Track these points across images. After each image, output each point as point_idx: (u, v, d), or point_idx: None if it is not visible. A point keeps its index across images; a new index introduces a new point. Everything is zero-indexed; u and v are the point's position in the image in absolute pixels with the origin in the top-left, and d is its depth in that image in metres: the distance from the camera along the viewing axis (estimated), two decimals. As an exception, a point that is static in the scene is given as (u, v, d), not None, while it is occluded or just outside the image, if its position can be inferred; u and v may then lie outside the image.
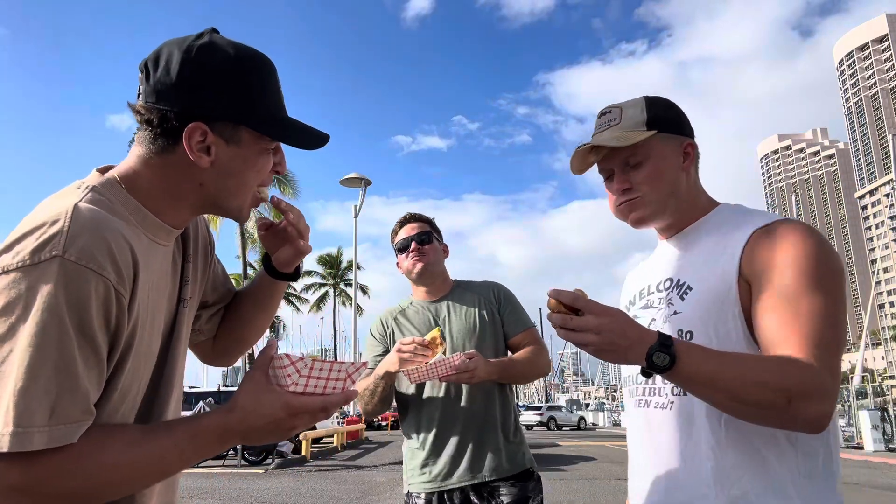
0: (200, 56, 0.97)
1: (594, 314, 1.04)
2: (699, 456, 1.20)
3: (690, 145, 1.35)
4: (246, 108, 1.00)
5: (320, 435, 18.82)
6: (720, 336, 1.19)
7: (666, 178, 1.31)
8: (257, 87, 1.01)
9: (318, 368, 0.93)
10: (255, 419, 0.91)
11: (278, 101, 1.05)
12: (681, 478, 1.22)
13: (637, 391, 1.35)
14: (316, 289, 47.84)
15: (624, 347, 1.05)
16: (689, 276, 1.28)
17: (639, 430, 1.35)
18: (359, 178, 17.03)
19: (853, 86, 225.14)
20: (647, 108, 1.33)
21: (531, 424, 40.75)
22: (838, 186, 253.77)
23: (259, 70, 1.03)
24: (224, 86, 0.98)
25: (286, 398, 0.91)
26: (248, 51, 1.03)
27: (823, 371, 1.05)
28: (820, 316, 1.09)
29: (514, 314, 2.37)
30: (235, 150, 1.01)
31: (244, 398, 0.92)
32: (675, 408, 1.25)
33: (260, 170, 1.05)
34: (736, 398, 1.06)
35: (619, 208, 1.34)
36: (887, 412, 19.19)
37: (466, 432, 2.16)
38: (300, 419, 0.93)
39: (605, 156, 1.35)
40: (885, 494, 9.94)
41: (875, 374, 67.36)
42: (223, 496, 9.65)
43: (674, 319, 1.27)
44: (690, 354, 1.05)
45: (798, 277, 1.12)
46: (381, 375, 2.18)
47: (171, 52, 0.98)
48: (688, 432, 1.22)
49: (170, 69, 0.97)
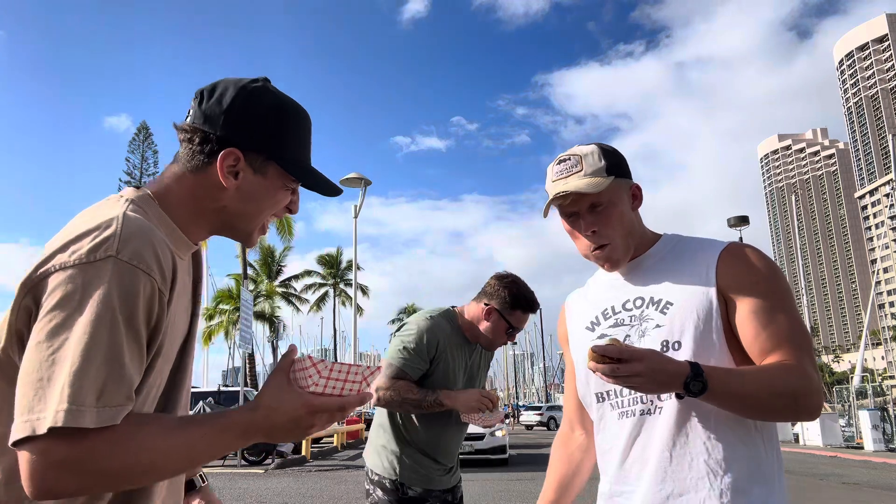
0: (251, 95, 1.11)
1: (637, 360, 1.19)
2: (691, 452, 1.34)
3: (637, 188, 1.53)
4: (278, 146, 1.12)
5: (320, 435, 18.84)
6: (705, 344, 1.35)
7: (624, 220, 1.48)
8: (292, 132, 1.14)
9: (337, 370, 0.99)
10: (278, 416, 0.98)
11: (306, 150, 1.18)
12: (674, 473, 1.34)
13: (620, 403, 1.45)
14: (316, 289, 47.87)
15: (665, 382, 1.22)
16: (664, 293, 1.43)
17: (622, 439, 1.44)
18: (359, 178, 17.02)
19: (853, 86, 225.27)
20: (602, 156, 1.47)
21: (531, 424, 40.75)
22: (838, 186, 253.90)
23: (296, 119, 1.15)
24: (264, 124, 1.11)
25: (307, 398, 0.98)
26: (292, 102, 1.16)
27: (810, 369, 1.30)
28: (795, 325, 1.34)
29: None
30: (261, 180, 1.12)
31: (268, 397, 0.99)
32: (667, 411, 1.37)
33: (277, 203, 1.16)
34: (757, 406, 1.28)
35: (595, 254, 1.49)
36: (887, 412, 19.21)
37: (453, 446, 2.58)
38: (319, 418, 0.99)
39: (571, 200, 1.46)
40: (886, 494, 9.95)
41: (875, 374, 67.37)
42: (223, 496, 9.66)
43: (656, 332, 1.40)
44: (717, 378, 1.23)
45: (768, 294, 1.35)
46: (444, 404, 2.40)
47: (226, 86, 1.12)
48: (679, 432, 1.35)
49: (222, 100, 1.10)
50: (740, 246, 1.43)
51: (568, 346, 1.66)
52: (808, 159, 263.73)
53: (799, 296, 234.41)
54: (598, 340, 1.41)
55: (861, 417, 19.52)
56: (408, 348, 2.46)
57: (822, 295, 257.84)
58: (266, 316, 38.32)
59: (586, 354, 1.25)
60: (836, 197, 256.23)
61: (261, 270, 40.43)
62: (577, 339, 1.59)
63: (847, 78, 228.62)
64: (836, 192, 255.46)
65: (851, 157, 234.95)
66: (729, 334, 1.36)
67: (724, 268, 1.38)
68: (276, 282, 41.28)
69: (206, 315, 36.78)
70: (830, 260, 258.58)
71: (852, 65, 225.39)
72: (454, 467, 2.60)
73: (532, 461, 15.71)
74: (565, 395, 1.74)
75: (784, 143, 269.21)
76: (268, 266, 40.46)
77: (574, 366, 1.62)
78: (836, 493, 10.26)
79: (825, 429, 20.72)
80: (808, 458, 16.75)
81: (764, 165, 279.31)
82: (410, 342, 2.46)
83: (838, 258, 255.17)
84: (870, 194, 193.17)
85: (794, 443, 22.39)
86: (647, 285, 1.48)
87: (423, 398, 2.40)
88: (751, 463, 1.33)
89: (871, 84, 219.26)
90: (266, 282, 39.90)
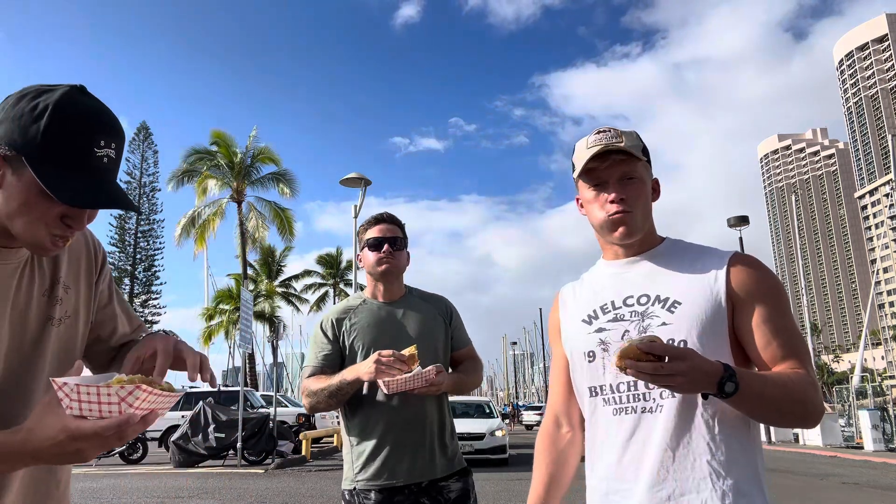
0: (23, 96, 1.08)
1: (679, 359, 1.18)
2: (694, 452, 1.34)
3: (657, 182, 1.57)
4: (32, 147, 1.04)
5: (320, 435, 18.84)
6: (711, 345, 1.35)
7: (648, 202, 1.51)
8: (61, 135, 1.06)
9: (86, 392, 0.93)
10: (38, 441, 0.94)
11: (84, 157, 1.08)
12: (676, 473, 1.34)
13: (616, 399, 1.45)
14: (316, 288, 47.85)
15: (700, 381, 1.21)
16: (672, 292, 1.44)
17: (618, 436, 1.43)
18: (359, 178, 17.02)
19: (853, 86, 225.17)
20: (639, 139, 1.51)
21: (531, 424, 40.74)
22: (838, 186, 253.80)
23: (69, 122, 1.07)
24: (24, 123, 1.05)
25: (66, 421, 0.93)
26: (83, 107, 1.08)
27: (814, 377, 1.35)
28: (799, 336, 1.40)
29: (461, 330, 2.55)
30: (16, 181, 1.06)
31: (30, 420, 0.96)
32: (667, 410, 1.37)
33: (36, 209, 1.08)
34: (778, 411, 1.31)
35: (614, 218, 1.46)
36: (887, 412, 19.19)
37: (417, 433, 2.28)
38: (84, 442, 0.93)
39: (608, 166, 1.46)
40: (885, 494, 9.95)
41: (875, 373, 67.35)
42: (223, 496, 9.66)
43: (662, 329, 1.39)
44: (747, 380, 1.25)
45: (776, 305, 1.39)
46: (350, 381, 2.22)
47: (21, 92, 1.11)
48: (682, 431, 1.35)
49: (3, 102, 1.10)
50: (747, 257, 1.46)
51: (560, 337, 1.64)
52: (808, 159, 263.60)
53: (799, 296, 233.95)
54: (630, 337, 1.40)
55: (861, 417, 19.50)
56: (313, 342, 2.44)
57: (822, 295, 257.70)
58: (266, 316, 38.31)
59: (615, 352, 1.22)
60: (836, 197, 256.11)
61: (261, 270, 40.43)
62: (572, 332, 1.57)
63: (847, 78, 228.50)
64: (836, 192, 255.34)
65: (851, 157, 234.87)
66: (732, 339, 1.39)
67: (736, 275, 1.41)
68: (276, 282, 41.28)
69: (206, 315, 36.79)
70: (830, 260, 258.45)
71: (852, 65, 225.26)
72: (425, 452, 2.27)
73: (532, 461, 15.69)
74: (551, 388, 1.72)
75: (784, 143, 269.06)
76: (268, 266, 40.46)
77: (567, 358, 1.60)
78: (836, 493, 10.25)
79: (825, 429, 20.69)
80: (808, 458, 16.75)
81: (764, 165, 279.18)
82: (314, 335, 2.45)
83: (838, 258, 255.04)
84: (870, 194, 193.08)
85: (794, 443, 22.37)
86: (652, 283, 1.48)
87: (330, 384, 2.25)
88: (750, 466, 1.35)
89: (871, 84, 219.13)
90: (266, 282, 39.90)
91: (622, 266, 1.55)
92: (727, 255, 1.46)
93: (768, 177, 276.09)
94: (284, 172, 31.70)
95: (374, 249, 2.42)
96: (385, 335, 2.36)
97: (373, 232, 2.45)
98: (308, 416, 19.21)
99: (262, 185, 31.43)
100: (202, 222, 30.66)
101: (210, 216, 30.77)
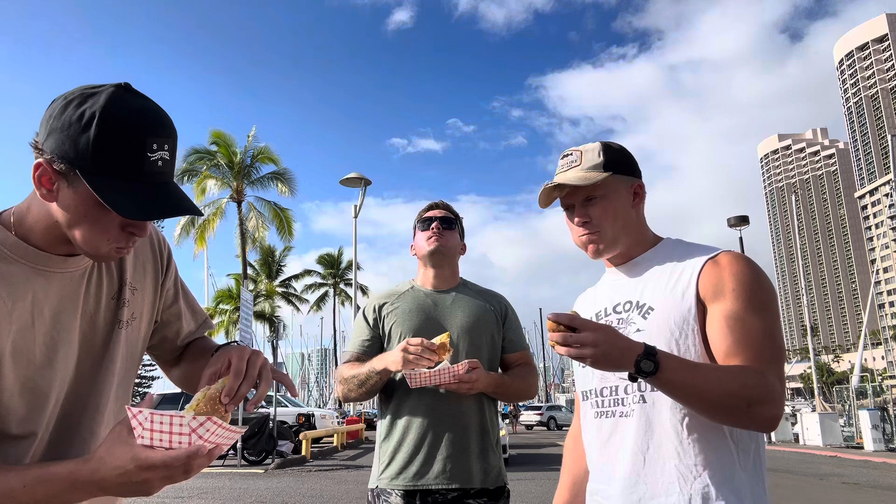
0: (70, 101, 1.04)
1: (590, 330, 1.20)
2: (663, 456, 1.35)
3: (640, 186, 1.55)
4: (83, 158, 1.01)
5: (320, 435, 18.83)
6: (682, 350, 1.35)
7: (618, 214, 1.50)
8: (112, 142, 1.02)
9: (159, 422, 0.93)
10: (107, 471, 0.93)
11: (139, 164, 1.03)
12: (647, 477, 1.36)
13: (600, 403, 1.49)
14: (316, 288, 47.87)
15: (616, 357, 1.20)
16: (649, 298, 1.44)
17: (600, 438, 1.48)
18: (359, 178, 17.02)
19: (853, 86, 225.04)
20: (603, 152, 1.51)
21: (531, 424, 40.73)
22: (838, 186, 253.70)
23: (121, 128, 1.03)
24: (73, 133, 1.01)
25: (136, 451, 0.92)
26: (132, 109, 1.04)
27: (772, 378, 1.26)
28: (764, 333, 1.31)
29: (517, 332, 2.34)
30: (72, 194, 1.03)
31: (101, 449, 0.95)
32: (638, 414, 1.39)
33: (96, 221, 1.05)
34: (706, 401, 1.25)
35: (581, 240, 1.52)
36: (887, 412, 19.19)
37: (453, 437, 2.08)
38: (151, 473, 0.92)
39: (567, 193, 1.52)
40: (885, 494, 9.95)
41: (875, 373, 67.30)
42: (223, 496, 9.66)
43: (637, 336, 1.39)
44: (670, 362, 1.23)
45: (744, 302, 1.32)
46: (379, 371, 2.08)
47: (66, 95, 1.06)
48: (651, 435, 1.37)
49: (51, 108, 1.05)
50: (729, 254, 1.41)
51: None
52: (808, 159, 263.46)
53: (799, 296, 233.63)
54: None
55: (861, 417, 19.49)
56: (355, 327, 2.32)
57: (822, 295, 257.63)
58: (266, 316, 38.30)
59: None
60: (836, 197, 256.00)
61: (261, 270, 40.44)
62: None
63: (847, 78, 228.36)
64: (836, 192, 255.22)
65: (851, 157, 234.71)
66: (707, 343, 1.36)
67: (704, 275, 1.38)
68: (276, 282, 41.29)
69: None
70: (830, 260, 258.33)
71: (852, 64, 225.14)
72: (460, 458, 2.06)
73: (532, 461, 15.70)
74: (577, 391, 1.75)
75: (784, 143, 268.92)
76: (268, 266, 40.47)
77: None
78: (836, 493, 10.25)
79: (825, 428, 20.71)
80: (808, 458, 16.75)
81: (764, 165, 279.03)
82: (356, 320, 2.33)
83: (838, 258, 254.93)
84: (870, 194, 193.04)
85: (794, 442, 22.37)
86: (636, 289, 1.49)
87: (359, 372, 2.12)
88: (722, 471, 1.32)
89: (872, 84, 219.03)
90: (266, 282, 39.92)
91: (615, 273, 1.58)
92: (708, 255, 1.42)
93: (768, 177, 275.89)
94: (283, 172, 31.66)
95: (424, 229, 2.28)
96: (427, 323, 2.17)
97: (425, 215, 2.32)
98: (308, 416, 19.21)
99: (262, 184, 31.43)
100: (202, 222, 30.64)
101: (210, 216, 30.75)
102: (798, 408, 34.38)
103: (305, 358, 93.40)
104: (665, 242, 1.56)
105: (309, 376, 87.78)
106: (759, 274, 1.38)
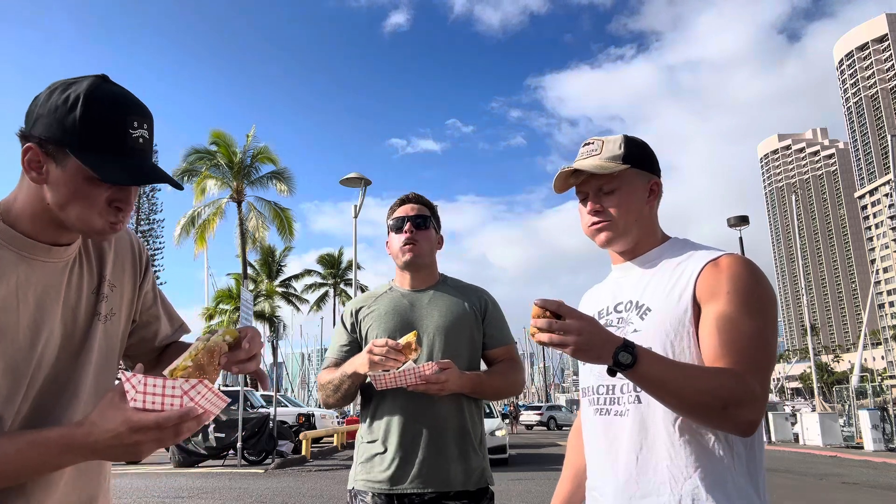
0: (54, 90, 1.12)
1: (575, 318, 1.20)
2: (656, 456, 1.35)
3: (656, 183, 1.55)
4: (71, 136, 1.07)
5: (320, 435, 18.83)
6: (676, 352, 1.35)
7: (632, 208, 1.49)
8: (95, 121, 1.09)
9: (152, 384, 0.95)
10: (99, 434, 0.96)
11: (121, 141, 1.11)
12: (639, 476, 1.37)
13: (597, 400, 1.50)
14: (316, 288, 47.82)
15: (597, 347, 1.20)
16: (649, 299, 1.44)
17: (596, 435, 1.50)
18: (359, 178, 17.02)
19: (853, 86, 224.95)
20: (624, 144, 1.51)
21: (531, 424, 40.76)
22: (838, 186, 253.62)
23: (103, 108, 1.10)
24: (59, 115, 1.09)
25: (128, 414, 0.95)
26: (108, 93, 1.12)
27: (754, 383, 1.24)
28: (753, 337, 1.29)
29: (498, 326, 2.25)
30: (61, 172, 1.09)
31: (94, 413, 0.98)
32: (633, 414, 1.40)
33: (85, 196, 1.11)
34: (682, 399, 1.24)
35: (590, 228, 1.52)
36: (887, 412, 19.19)
37: (429, 439, 2.04)
38: (142, 435, 0.95)
39: (583, 180, 1.52)
40: (885, 494, 9.95)
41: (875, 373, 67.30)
42: (223, 496, 9.66)
43: (634, 336, 1.38)
44: (648, 357, 1.23)
45: (738, 305, 1.30)
46: (350, 374, 2.06)
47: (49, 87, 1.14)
48: (645, 435, 1.37)
49: (35, 99, 1.14)
50: (730, 256, 1.39)
51: None
52: (808, 159, 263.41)
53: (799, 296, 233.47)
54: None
55: (861, 417, 19.50)
56: (334, 333, 2.31)
57: (822, 295, 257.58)
58: (266, 316, 38.26)
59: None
60: (836, 197, 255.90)
61: (261, 270, 40.41)
62: None
63: (847, 78, 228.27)
64: (836, 192, 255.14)
65: (851, 157, 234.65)
66: (699, 345, 1.35)
67: (703, 277, 1.36)
68: (276, 281, 41.26)
69: (206, 315, 36.75)
70: (830, 260, 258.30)
71: (852, 64, 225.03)
72: (437, 460, 2.02)
73: (532, 461, 15.71)
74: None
75: (784, 143, 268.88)
76: (268, 266, 40.43)
77: None
78: (836, 493, 10.25)
79: (825, 428, 20.71)
80: (808, 458, 16.75)
81: (764, 165, 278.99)
82: (336, 325, 2.31)
83: (838, 258, 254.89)
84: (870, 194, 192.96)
85: (794, 442, 22.38)
86: (637, 288, 1.49)
87: (333, 377, 2.11)
88: (714, 474, 1.31)
89: (872, 84, 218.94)
90: (266, 281, 39.87)
91: (620, 270, 1.58)
92: (709, 257, 1.40)
93: (768, 177, 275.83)
94: (282, 171, 31.65)
95: (397, 231, 2.21)
96: (402, 324, 2.13)
97: (395, 213, 2.24)
98: (308, 415, 19.21)
99: (262, 184, 31.43)
100: (202, 222, 30.63)
101: (210, 216, 30.75)
102: (798, 408, 34.40)
103: (305, 358, 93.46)
104: (672, 241, 1.55)
105: (309, 376, 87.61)
106: (759, 277, 1.36)
